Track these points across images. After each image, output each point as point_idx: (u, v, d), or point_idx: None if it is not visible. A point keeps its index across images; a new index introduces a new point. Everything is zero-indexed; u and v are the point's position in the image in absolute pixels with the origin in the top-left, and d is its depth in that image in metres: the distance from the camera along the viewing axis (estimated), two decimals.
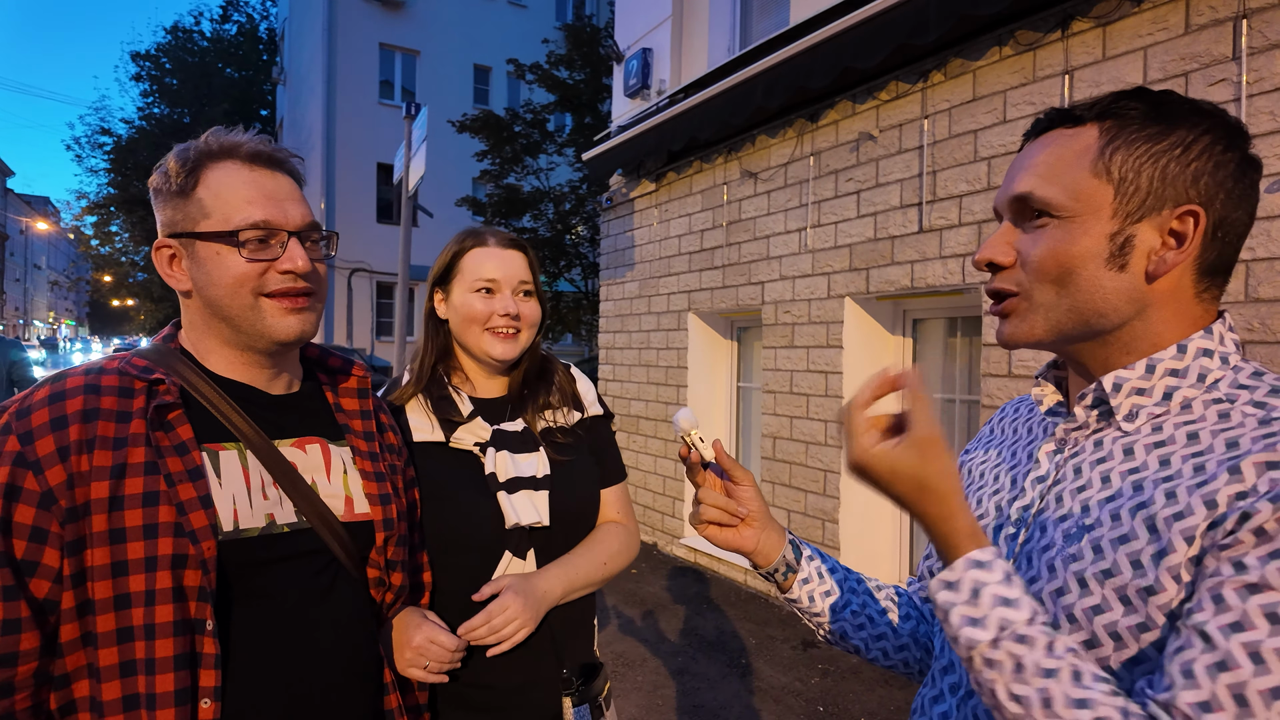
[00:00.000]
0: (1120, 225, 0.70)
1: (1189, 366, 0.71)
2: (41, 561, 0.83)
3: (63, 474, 0.85)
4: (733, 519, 0.95)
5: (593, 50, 12.03)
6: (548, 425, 1.38)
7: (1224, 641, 0.57)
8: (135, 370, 0.94)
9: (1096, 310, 0.72)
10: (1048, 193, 0.73)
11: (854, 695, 3.50)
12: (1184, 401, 0.71)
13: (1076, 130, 0.74)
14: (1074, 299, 0.72)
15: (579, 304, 13.24)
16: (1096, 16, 3.07)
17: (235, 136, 1.00)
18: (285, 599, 0.97)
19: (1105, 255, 0.71)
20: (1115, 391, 0.73)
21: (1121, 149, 0.71)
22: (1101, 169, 0.71)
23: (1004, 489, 0.83)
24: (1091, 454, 0.74)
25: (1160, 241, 0.70)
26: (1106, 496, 0.70)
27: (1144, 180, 0.70)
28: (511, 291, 1.34)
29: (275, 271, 0.97)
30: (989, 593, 0.64)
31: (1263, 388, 0.69)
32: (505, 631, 1.19)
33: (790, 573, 0.97)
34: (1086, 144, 0.72)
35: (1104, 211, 0.71)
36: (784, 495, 4.77)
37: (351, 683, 1.03)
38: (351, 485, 1.08)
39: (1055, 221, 0.73)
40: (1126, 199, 0.70)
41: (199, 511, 0.90)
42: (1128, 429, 0.72)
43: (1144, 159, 0.70)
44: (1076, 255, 0.71)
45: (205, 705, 0.87)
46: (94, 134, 24.17)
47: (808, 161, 4.56)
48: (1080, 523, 0.71)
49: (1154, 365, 0.72)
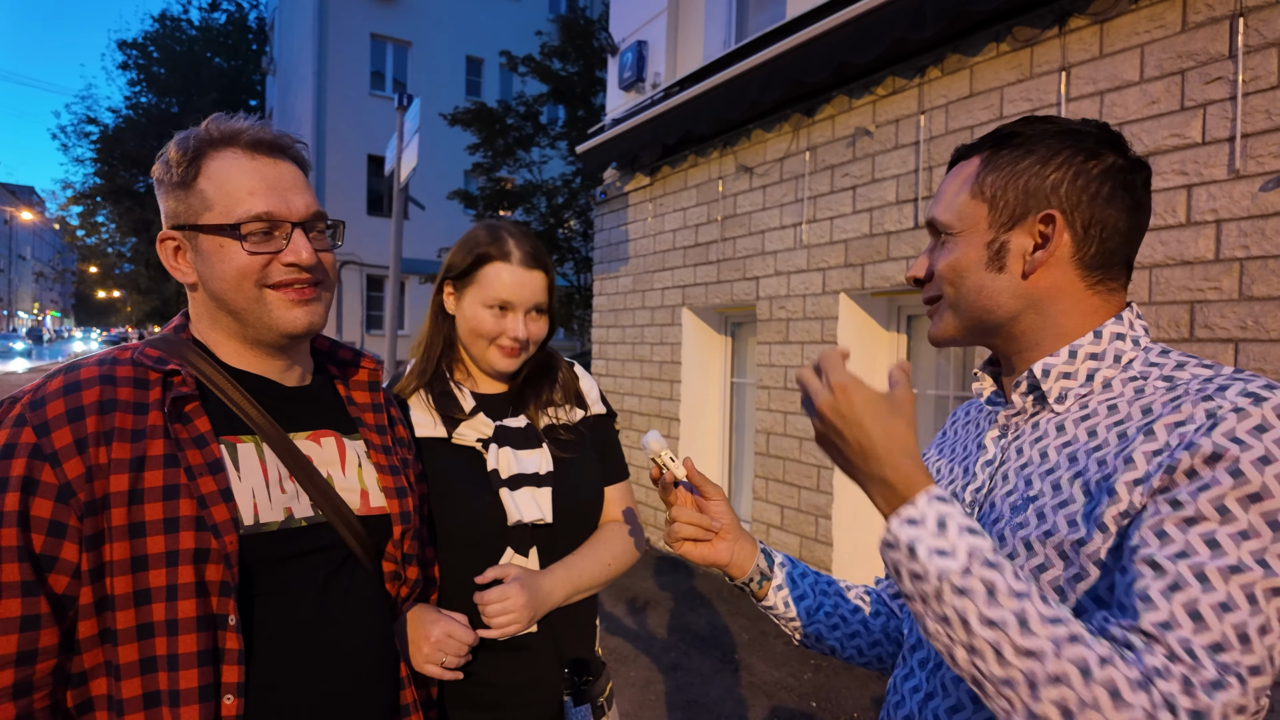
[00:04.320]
0: (995, 234, 0.83)
1: (1106, 350, 0.81)
2: (60, 556, 0.81)
3: (81, 466, 0.83)
4: (706, 534, 1.00)
5: (586, 42, 11.96)
6: (551, 422, 1.37)
7: (1172, 567, 0.64)
8: (149, 361, 0.92)
9: (985, 307, 0.84)
10: (945, 216, 0.87)
11: (846, 690, 3.51)
12: (1105, 381, 0.80)
13: (969, 160, 0.88)
14: (968, 300, 0.85)
15: (571, 299, 13.19)
16: (1094, 13, 3.06)
17: (236, 124, 0.97)
18: (303, 593, 0.96)
19: (985, 260, 0.83)
20: (1044, 377, 0.82)
21: (991, 172, 0.84)
22: (978, 191, 0.84)
23: (958, 478, 0.92)
24: (1030, 435, 0.83)
25: (1031, 244, 0.81)
26: (1046, 469, 0.79)
27: (1010, 195, 0.82)
28: (525, 313, 1.32)
29: (279, 264, 0.95)
30: (955, 523, 0.69)
31: (1169, 363, 0.77)
32: (497, 621, 1.18)
33: (765, 580, 1.03)
34: (970, 172, 0.86)
35: (982, 225, 0.84)
36: (777, 491, 4.77)
37: (370, 677, 1.02)
38: (366, 479, 1.07)
39: (950, 238, 0.86)
40: (998, 212, 0.83)
41: (220, 505, 0.88)
42: (1059, 409, 0.81)
43: (1008, 177, 0.83)
44: (964, 263, 0.84)
45: (228, 701, 0.86)
46: (80, 123, 23.86)
47: (803, 156, 4.55)
48: (1025, 495, 0.79)
49: (1075, 350, 0.81)
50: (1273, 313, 2.54)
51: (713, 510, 1.01)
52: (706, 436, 5.89)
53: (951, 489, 0.91)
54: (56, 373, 0.89)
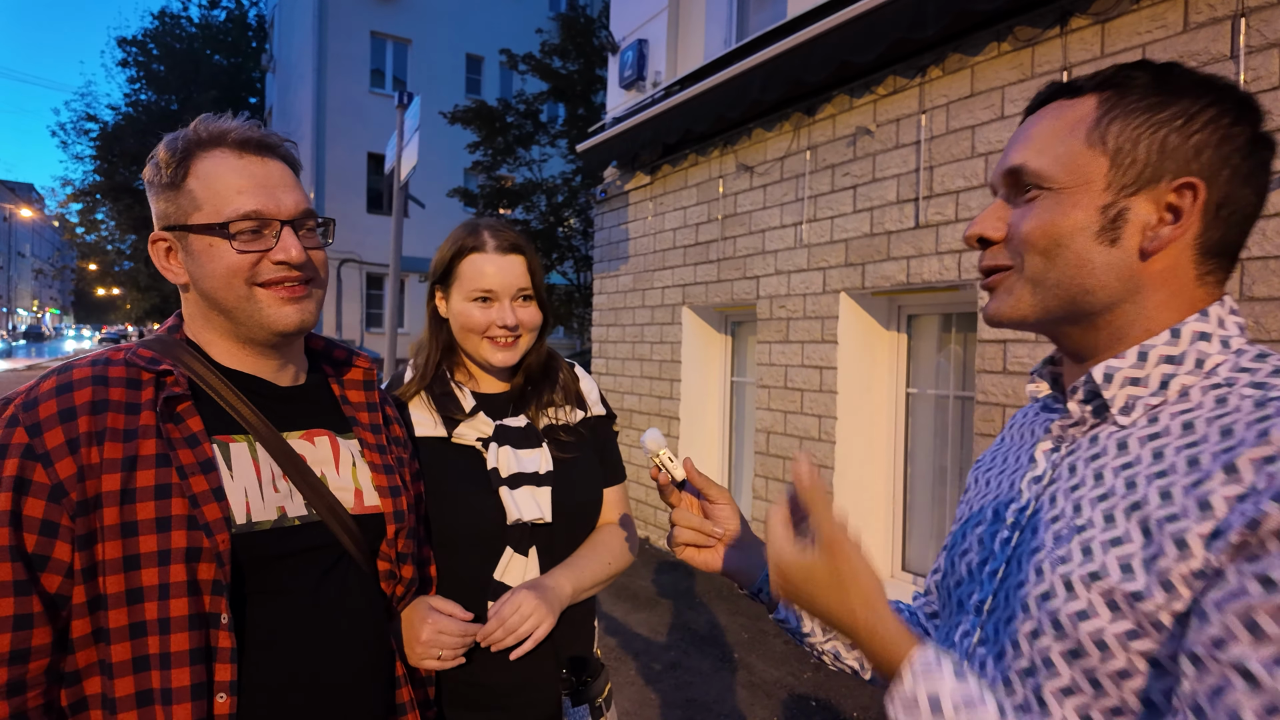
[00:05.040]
0: (1114, 197, 0.67)
1: (1185, 352, 0.67)
2: (53, 555, 0.82)
3: (73, 466, 0.83)
4: (708, 540, 0.93)
5: (586, 40, 11.95)
6: (551, 422, 1.37)
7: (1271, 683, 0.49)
8: (142, 361, 0.93)
9: (1084, 287, 0.69)
10: (1039, 164, 0.70)
11: (847, 690, 3.51)
12: (1182, 389, 0.66)
13: (1075, 101, 0.71)
14: (1061, 274, 0.69)
15: (571, 297, 13.19)
16: (1095, 13, 3.06)
17: (224, 123, 0.98)
18: (297, 593, 0.97)
19: (1096, 228, 0.68)
20: (1107, 383, 0.69)
21: (1119, 119, 0.68)
22: (1097, 139, 0.68)
23: (1002, 492, 0.80)
24: (1087, 451, 0.70)
25: (1156, 216, 0.67)
26: (1099, 495, 0.66)
27: (1141, 151, 0.67)
28: (510, 299, 1.31)
29: (269, 262, 0.95)
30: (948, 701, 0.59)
31: (1265, 369, 0.64)
32: (523, 629, 1.18)
33: None
34: (1083, 114, 0.70)
35: (1097, 183, 0.68)
36: (777, 490, 4.77)
37: (365, 676, 1.03)
38: (360, 478, 1.07)
39: (1046, 194, 0.70)
40: (1122, 170, 0.67)
41: (212, 504, 0.89)
42: (1123, 422, 0.68)
43: (1142, 129, 0.67)
44: (1066, 228, 0.68)
45: (221, 700, 0.86)
46: (80, 120, 23.86)
47: (804, 156, 4.55)
48: (1071, 523, 0.67)
49: (1146, 352, 0.68)
50: (1273, 313, 2.54)
51: (717, 515, 0.94)
52: (706, 435, 5.89)
53: (994, 504, 0.79)
54: (50, 373, 0.90)
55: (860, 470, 4.39)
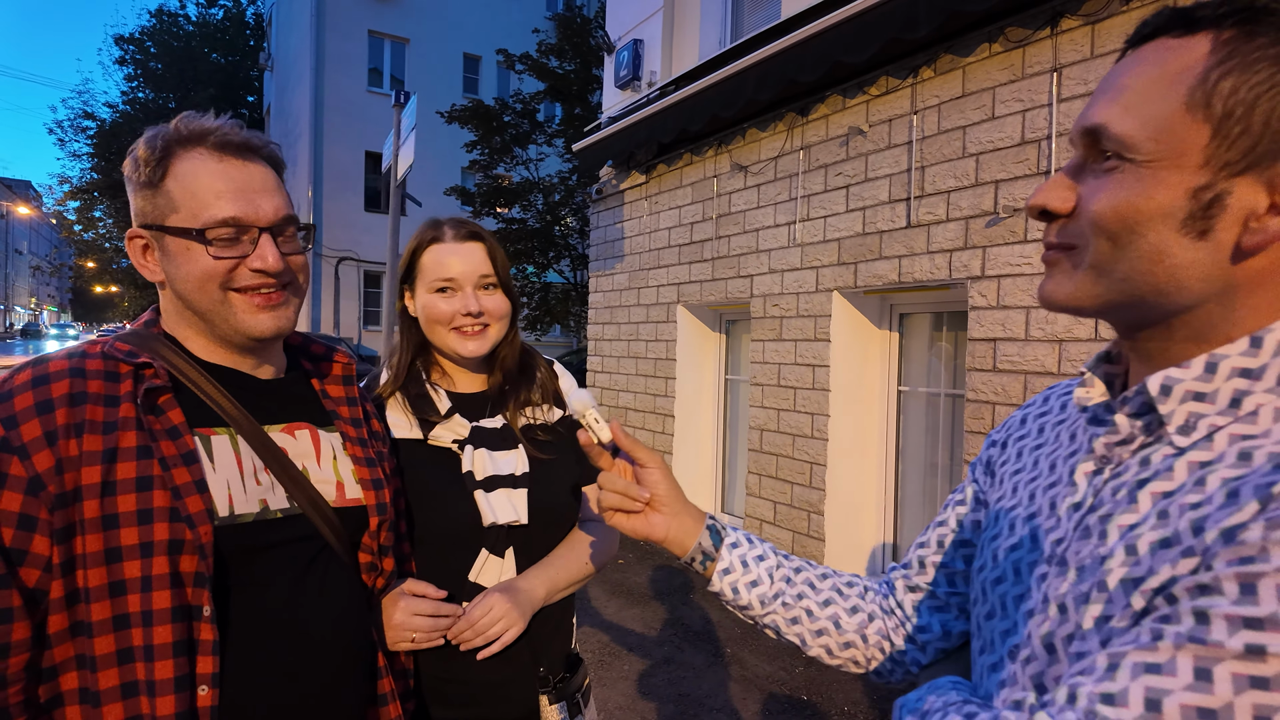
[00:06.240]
0: (1210, 178, 0.53)
1: (1267, 365, 0.55)
2: (31, 550, 0.81)
3: (51, 459, 0.82)
4: (634, 504, 0.89)
5: (583, 40, 11.97)
6: (528, 422, 1.36)
7: None
8: (120, 354, 0.92)
9: (1156, 286, 0.56)
10: (1124, 127, 0.56)
11: (838, 684, 3.54)
12: (1254, 409, 0.55)
13: (1185, 41, 0.55)
14: (1131, 267, 0.57)
15: (568, 295, 13.20)
16: (1085, 15, 3.09)
17: (206, 122, 0.96)
18: (279, 585, 0.97)
19: (1183, 215, 0.54)
20: (1164, 395, 0.57)
21: (1235, 73, 0.53)
22: (1200, 100, 0.53)
23: (1042, 513, 0.68)
24: (1134, 475, 0.59)
25: (1266, 204, 0.53)
26: (1129, 524, 0.57)
27: (1257, 119, 0.52)
28: (473, 287, 1.29)
29: (246, 268, 0.94)
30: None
31: None
32: (491, 632, 1.18)
33: (709, 561, 0.88)
34: (1189, 63, 0.55)
35: (1192, 157, 0.54)
36: (770, 487, 4.81)
37: (346, 668, 1.03)
38: (342, 470, 1.07)
39: (1128, 165, 0.56)
40: (1228, 143, 0.53)
41: (195, 496, 0.88)
42: (1181, 443, 0.57)
43: (1264, 89, 0.52)
44: (1145, 212, 0.55)
45: (203, 692, 0.87)
46: (77, 118, 23.81)
47: (797, 155, 4.58)
48: (1096, 553, 0.58)
49: (1215, 364, 0.56)
50: None
51: (645, 479, 0.90)
52: (701, 433, 5.92)
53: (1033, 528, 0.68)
54: (24, 366, 0.88)
55: (852, 467, 4.42)
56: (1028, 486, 0.72)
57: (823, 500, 4.40)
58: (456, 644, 1.20)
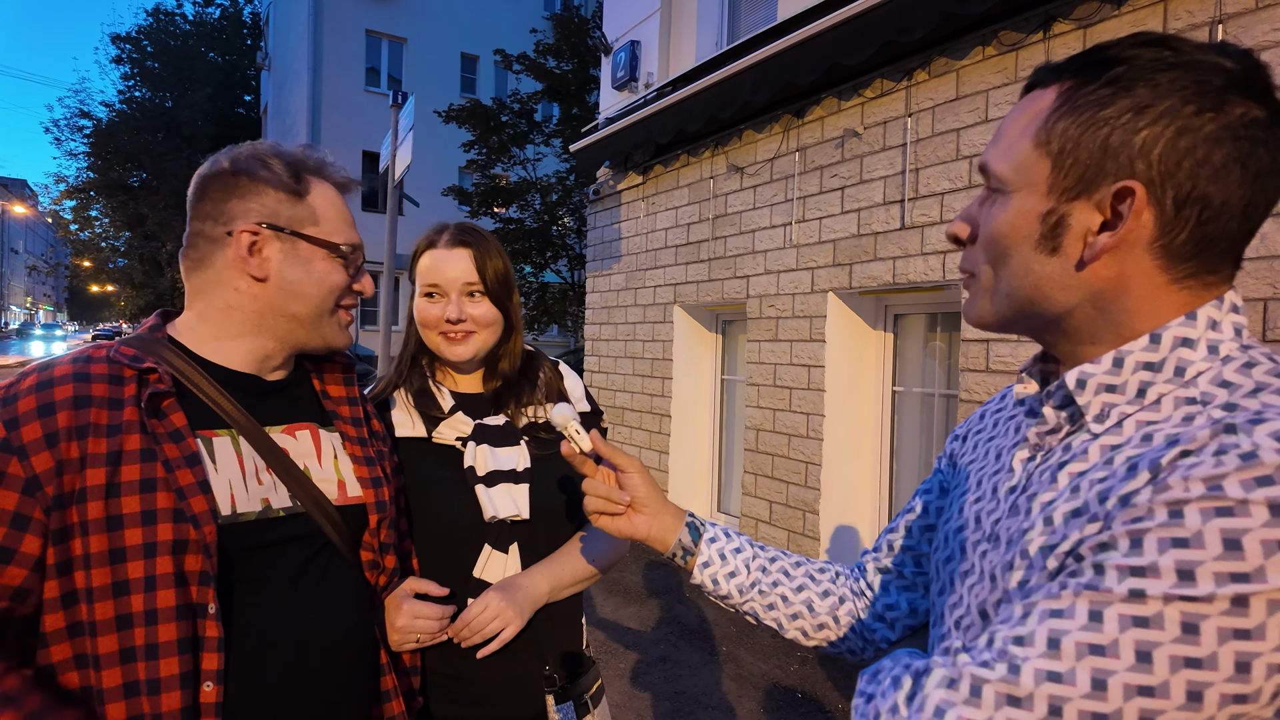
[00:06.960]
0: (1054, 204, 0.64)
1: (1165, 359, 0.62)
2: (19, 549, 0.83)
3: (50, 460, 0.84)
4: (616, 506, 0.97)
5: (581, 40, 11.98)
6: (531, 421, 1.37)
7: None
8: (125, 359, 0.94)
9: (1030, 298, 0.67)
10: (999, 165, 0.68)
11: (833, 681, 3.57)
12: (1158, 398, 0.62)
13: (1043, 91, 0.67)
14: (1008, 284, 0.67)
15: (565, 295, 13.21)
16: (1078, 19, 3.12)
17: (325, 157, 1.09)
18: (282, 582, 0.99)
19: (1036, 236, 0.65)
20: (1080, 389, 0.65)
21: (1067, 115, 0.63)
22: (1043, 139, 0.64)
23: (985, 497, 0.76)
24: (1059, 458, 0.67)
25: (1098, 222, 0.62)
26: (1048, 500, 0.64)
27: (1082, 152, 0.62)
28: (457, 294, 1.30)
29: (352, 289, 1.09)
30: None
31: (1245, 384, 0.58)
32: (488, 630, 1.19)
33: (689, 556, 0.97)
34: (1040, 109, 0.66)
35: (1040, 187, 0.64)
36: (766, 486, 4.83)
37: (349, 663, 1.05)
38: (343, 469, 1.09)
39: (999, 197, 0.68)
40: (1063, 173, 0.63)
41: (199, 496, 0.90)
42: (1096, 430, 0.64)
43: (1086, 126, 0.62)
44: (1010, 235, 0.66)
45: (208, 688, 0.88)
46: (73, 117, 23.68)
47: (793, 157, 4.60)
48: (1021, 526, 0.66)
49: (1122, 359, 0.63)
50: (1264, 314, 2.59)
51: (626, 483, 0.98)
52: (697, 433, 5.95)
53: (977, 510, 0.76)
54: (31, 370, 0.91)
55: (847, 466, 4.45)
56: (977, 474, 0.80)
57: (818, 499, 4.43)
58: (458, 642, 1.21)
